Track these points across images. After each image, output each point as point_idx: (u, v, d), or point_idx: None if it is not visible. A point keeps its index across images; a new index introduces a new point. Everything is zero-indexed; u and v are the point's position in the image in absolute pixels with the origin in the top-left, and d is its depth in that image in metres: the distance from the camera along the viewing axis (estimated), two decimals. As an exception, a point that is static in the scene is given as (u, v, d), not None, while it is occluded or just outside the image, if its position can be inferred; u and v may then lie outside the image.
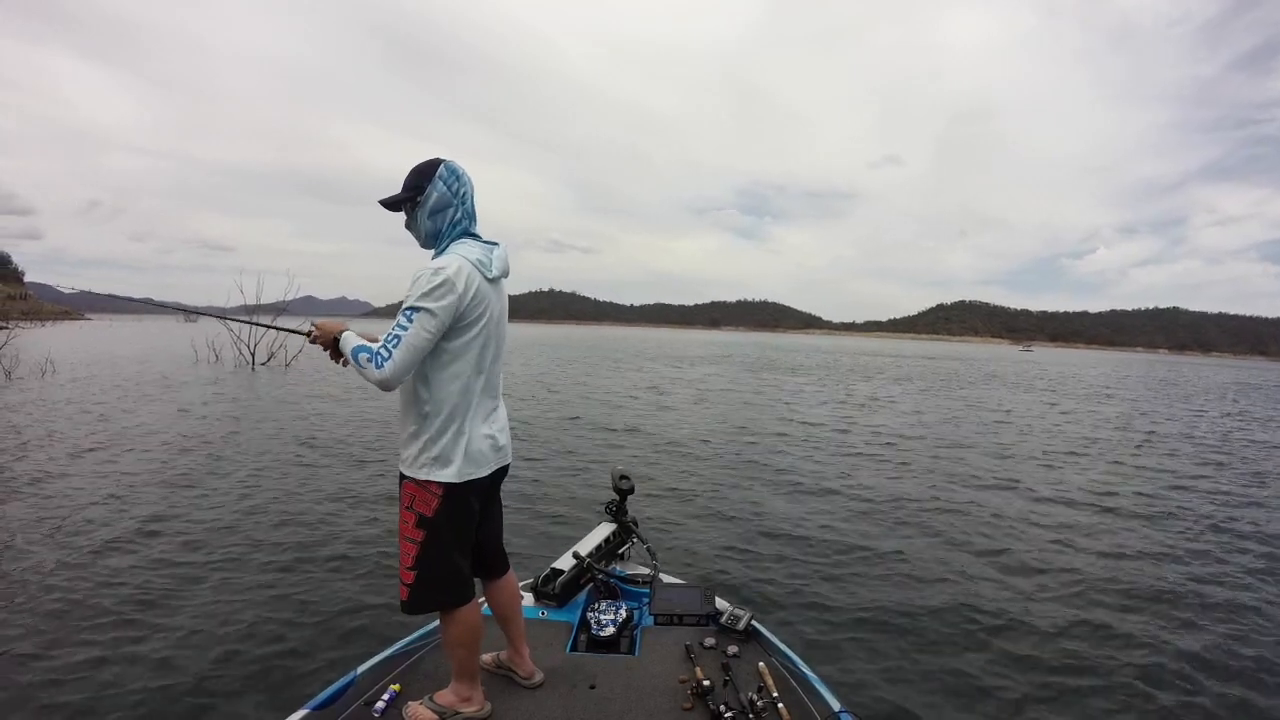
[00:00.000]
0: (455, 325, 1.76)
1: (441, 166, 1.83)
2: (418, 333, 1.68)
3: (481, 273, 1.79)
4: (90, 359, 20.65)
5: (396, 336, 1.67)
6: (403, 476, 1.85)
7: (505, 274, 1.91)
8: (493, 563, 2.12)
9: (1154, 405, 19.13)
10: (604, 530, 2.95)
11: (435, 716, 1.92)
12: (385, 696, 1.98)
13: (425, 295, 1.68)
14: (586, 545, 2.81)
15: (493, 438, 1.91)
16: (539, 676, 2.14)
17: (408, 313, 1.68)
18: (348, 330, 1.83)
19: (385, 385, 1.68)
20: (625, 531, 3.00)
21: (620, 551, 3.00)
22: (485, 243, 1.89)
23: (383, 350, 1.67)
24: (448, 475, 1.79)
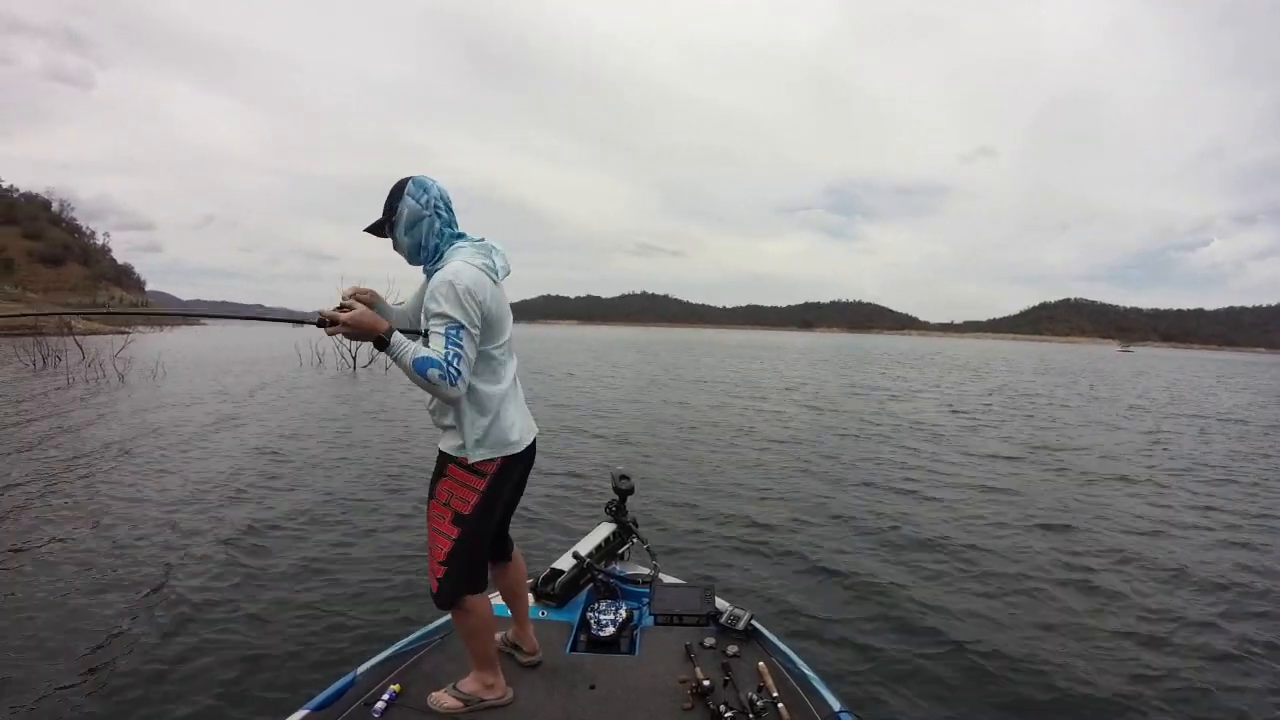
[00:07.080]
0: (483, 328, 1.84)
1: (409, 183, 1.86)
2: (469, 347, 1.74)
3: (491, 278, 1.87)
4: (199, 362, 21.95)
5: (458, 354, 1.71)
6: (447, 464, 1.90)
7: (507, 274, 1.97)
8: (502, 544, 2.21)
9: None
10: (604, 530, 2.97)
11: (461, 704, 1.96)
12: (385, 697, 1.97)
13: (461, 311, 1.72)
14: (586, 545, 2.83)
15: (526, 419, 2.02)
16: (540, 654, 2.23)
17: (454, 330, 1.71)
18: (396, 331, 1.72)
19: (455, 401, 1.78)
20: (625, 531, 3.01)
21: (620, 551, 3.01)
22: (478, 243, 1.93)
23: (453, 369, 1.69)
24: (499, 453, 1.88)
